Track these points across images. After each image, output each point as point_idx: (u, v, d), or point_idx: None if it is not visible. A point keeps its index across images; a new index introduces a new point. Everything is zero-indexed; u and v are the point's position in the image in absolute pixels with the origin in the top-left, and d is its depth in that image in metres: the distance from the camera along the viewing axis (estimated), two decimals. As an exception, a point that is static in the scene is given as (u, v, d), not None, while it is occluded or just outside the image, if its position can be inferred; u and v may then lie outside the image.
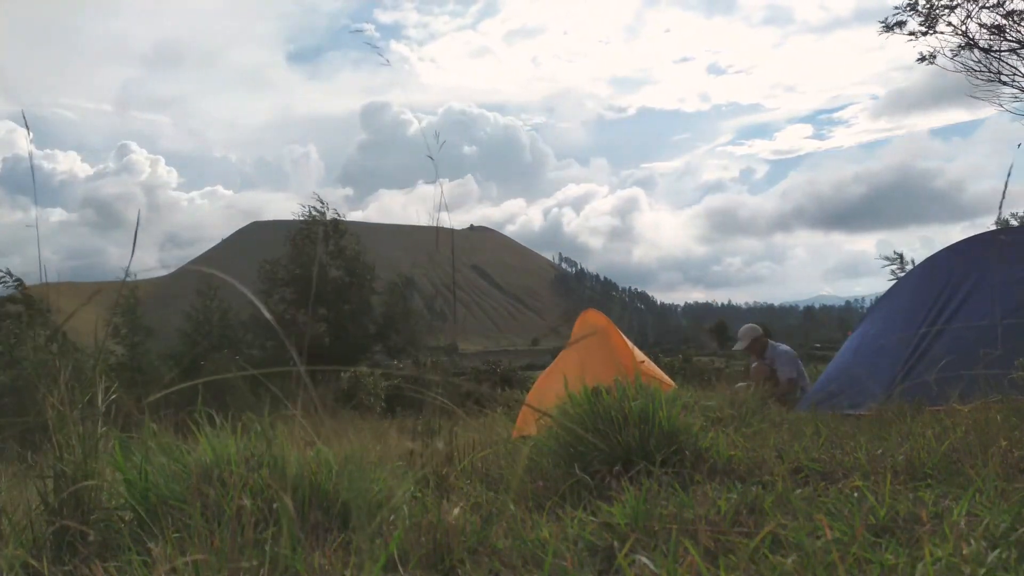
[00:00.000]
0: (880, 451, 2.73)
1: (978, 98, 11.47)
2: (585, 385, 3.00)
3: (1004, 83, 11.89)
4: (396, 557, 1.71)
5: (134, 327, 25.90)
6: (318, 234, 31.28)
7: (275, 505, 1.86)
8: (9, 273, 21.58)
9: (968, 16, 11.85)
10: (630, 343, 5.93)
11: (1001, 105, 11.37)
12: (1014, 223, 14.05)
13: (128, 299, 25.83)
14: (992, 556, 1.42)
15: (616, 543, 1.76)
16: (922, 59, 12.49)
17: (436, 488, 2.55)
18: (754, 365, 8.41)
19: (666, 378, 6.05)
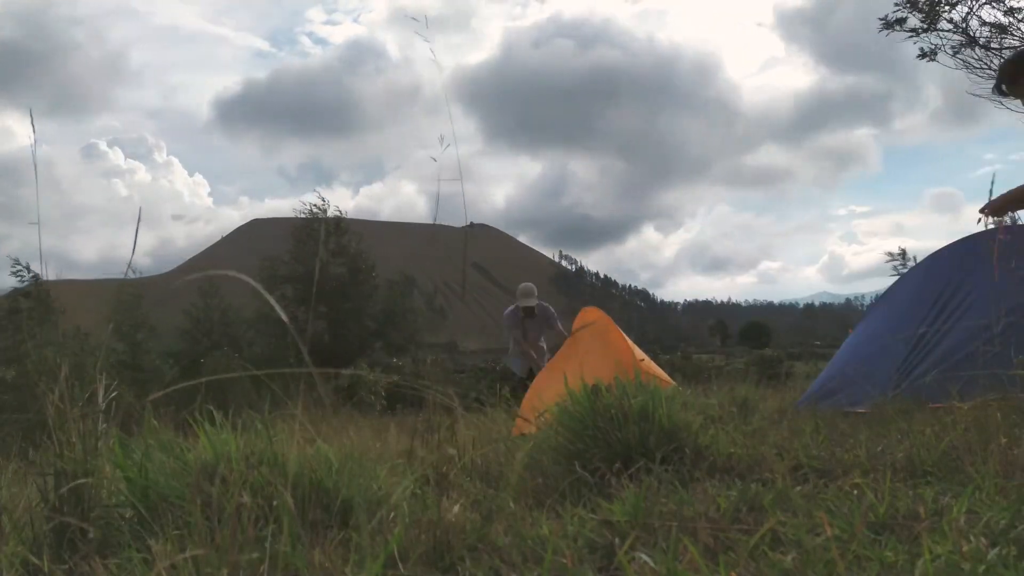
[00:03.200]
0: (880, 448, 2.73)
1: (978, 96, 11.41)
2: (584, 383, 3.00)
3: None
4: (396, 554, 1.71)
5: (136, 324, 25.73)
6: (319, 231, 31.21)
7: (275, 502, 1.86)
8: (27, 267, 21.22)
9: (969, 13, 11.79)
10: (630, 341, 5.93)
11: (1001, 103, 11.32)
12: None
13: (128, 296, 25.66)
14: (992, 553, 1.42)
15: (616, 540, 1.76)
16: (923, 55, 12.39)
17: (436, 485, 2.55)
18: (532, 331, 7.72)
19: (665, 376, 6.05)
